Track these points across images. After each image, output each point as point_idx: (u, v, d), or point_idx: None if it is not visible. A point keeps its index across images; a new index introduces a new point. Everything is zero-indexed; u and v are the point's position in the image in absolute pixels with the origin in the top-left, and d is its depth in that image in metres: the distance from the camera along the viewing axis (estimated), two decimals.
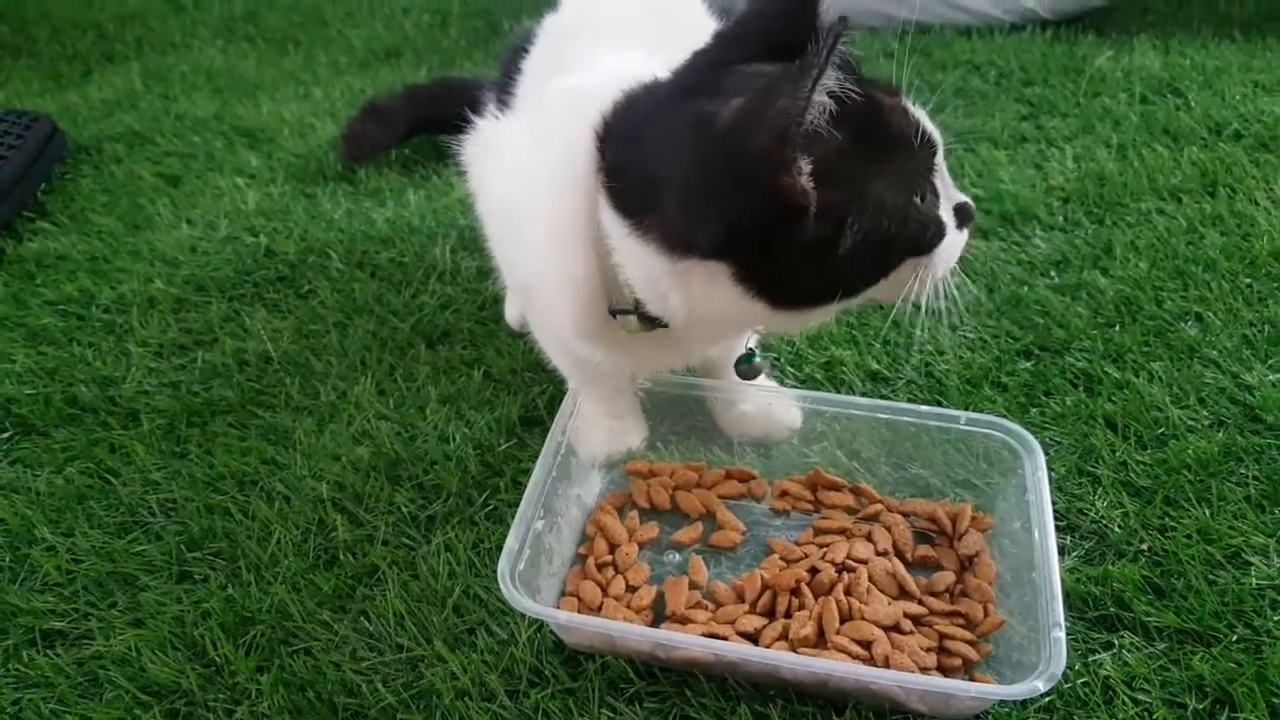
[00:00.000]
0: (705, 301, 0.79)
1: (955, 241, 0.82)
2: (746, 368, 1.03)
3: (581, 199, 0.81)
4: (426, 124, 1.69)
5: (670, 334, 0.86)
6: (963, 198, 0.83)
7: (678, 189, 0.74)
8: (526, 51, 1.04)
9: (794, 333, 1.17)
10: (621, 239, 0.79)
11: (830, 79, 0.68)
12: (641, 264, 0.79)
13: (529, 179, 0.87)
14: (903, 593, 0.93)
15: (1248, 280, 1.30)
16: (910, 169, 0.78)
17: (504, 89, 1.05)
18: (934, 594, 0.94)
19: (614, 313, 0.85)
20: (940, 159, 0.81)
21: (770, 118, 0.68)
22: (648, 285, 0.80)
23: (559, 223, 0.83)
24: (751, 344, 1.03)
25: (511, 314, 1.28)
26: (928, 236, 0.79)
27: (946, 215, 0.81)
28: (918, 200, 0.78)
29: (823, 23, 0.76)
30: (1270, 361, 1.17)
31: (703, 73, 0.78)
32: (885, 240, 0.75)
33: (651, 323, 0.84)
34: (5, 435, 1.17)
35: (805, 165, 0.70)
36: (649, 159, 0.77)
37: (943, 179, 0.82)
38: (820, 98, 0.68)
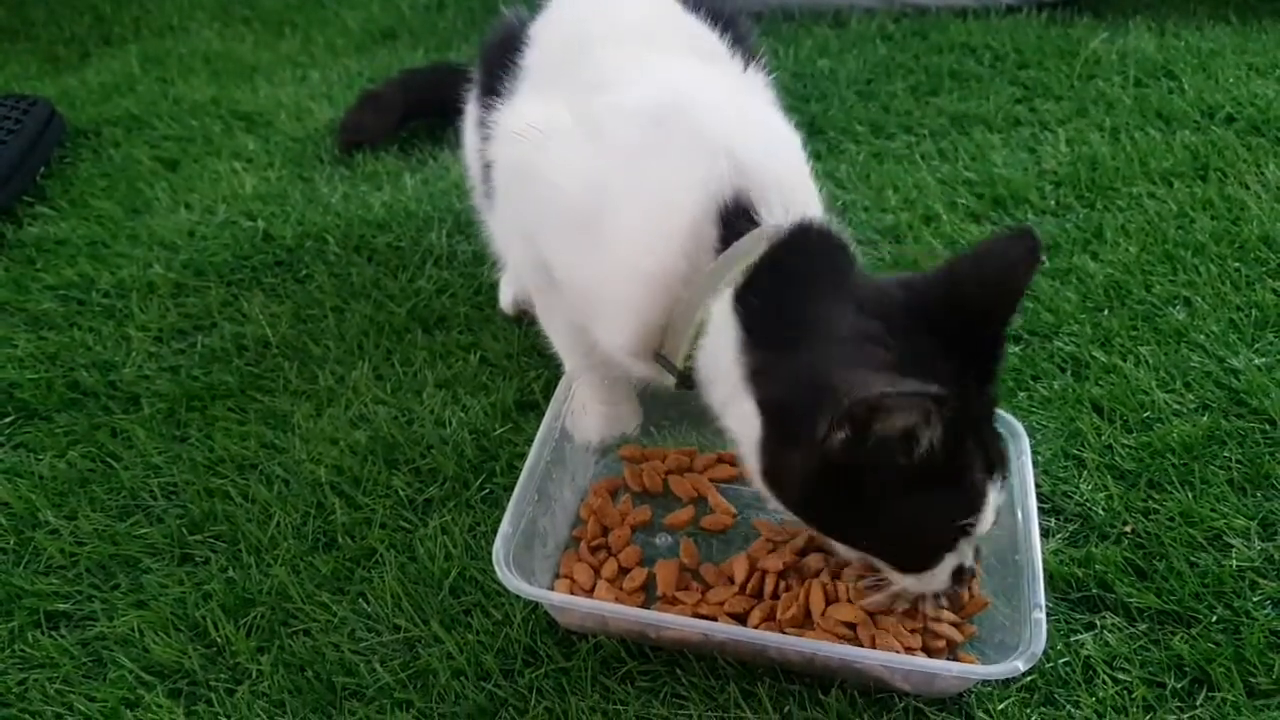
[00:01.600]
0: (735, 422, 0.85)
1: (923, 584, 0.86)
2: None
3: (684, 256, 0.85)
4: (422, 108, 1.70)
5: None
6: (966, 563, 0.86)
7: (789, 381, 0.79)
8: (518, 50, 1.05)
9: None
10: (724, 341, 0.84)
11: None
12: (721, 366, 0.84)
13: (616, 199, 0.89)
14: None
15: (1236, 265, 1.31)
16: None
17: (492, 82, 1.05)
18: None
19: (658, 358, 0.90)
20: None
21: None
22: (709, 372, 0.86)
23: (652, 265, 0.86)
24: None
25: (506, 300, 1.30)
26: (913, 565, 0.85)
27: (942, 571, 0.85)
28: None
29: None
30: (1256, 346, 1.19)
31: (884, 300, 0.81)
32: (872, 538, 0.84)
33: (687, 386, 0.89)
34: (8, 420, 1.19)
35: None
36: (792, 334, 0.81)
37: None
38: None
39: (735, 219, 0.85)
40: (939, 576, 0.83)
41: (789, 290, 0.83)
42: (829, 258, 0.85)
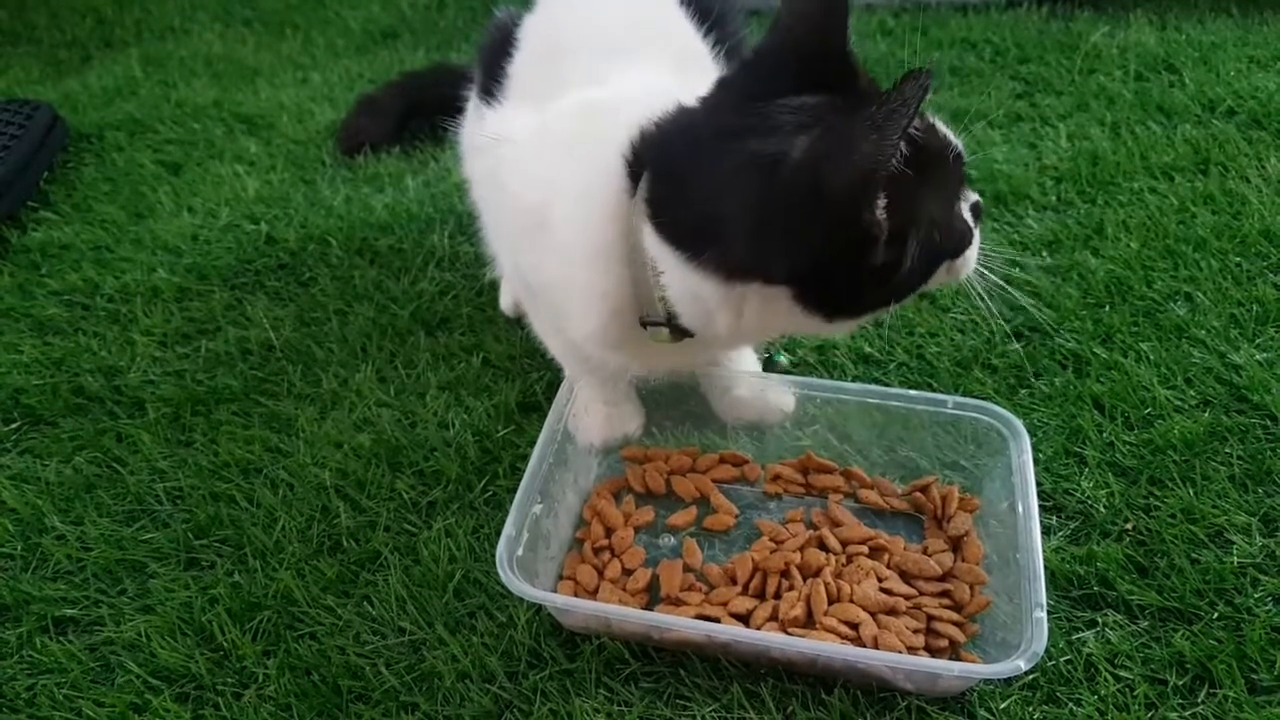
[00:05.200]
0: (758, 319, 0.83)
1: (977, 239, 0.87)
2: (772, 369, 1.09)
3: (613, 220, 0.85)
4: (422, 109, 1.71)
5: (693, 342, 0.89)
6: (974, 196, 0.87)
7: (745, 225, 0.77)
8: (509, 54, 1.05)
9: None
10: (671, 267, 0.82)
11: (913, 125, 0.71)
12: (693, 290, 0.82)
13: (555, 192, 0.89)
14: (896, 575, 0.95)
15: (1237, 259, 1.31)
16: (949, 184, 0.82)
17: (489, 85, 1.06)
18: (926, 578, 0.95)
19: (645, 324, 0.88)
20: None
21: (856, 161, 0.71)
22: (694, 306, 0.84)
23: (591, 241, 0.86)
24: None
25: (506, 301, 1.30)
26: (965, 242, 0.84)
27: (969, 216, 0.85)
28: (958, 210, 0.83)
29: (854, 53, 0.81)
30: (1258, 341, 1.19)
31: (741, 108, 0.80)
32: (936, 251, 0.81)
33: (682, 334, 0.88)
34: (14, 425, 1.20)
35: (881, 200, 0.73)
36: (705, 197, 0.79)
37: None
38: (902, 144, 0.71)
39: (639, 158, 0.84)
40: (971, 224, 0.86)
41: (678, 177, 0.81)
42: (687, 123, 0.84)
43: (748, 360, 1.14)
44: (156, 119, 1.84)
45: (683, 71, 0.97)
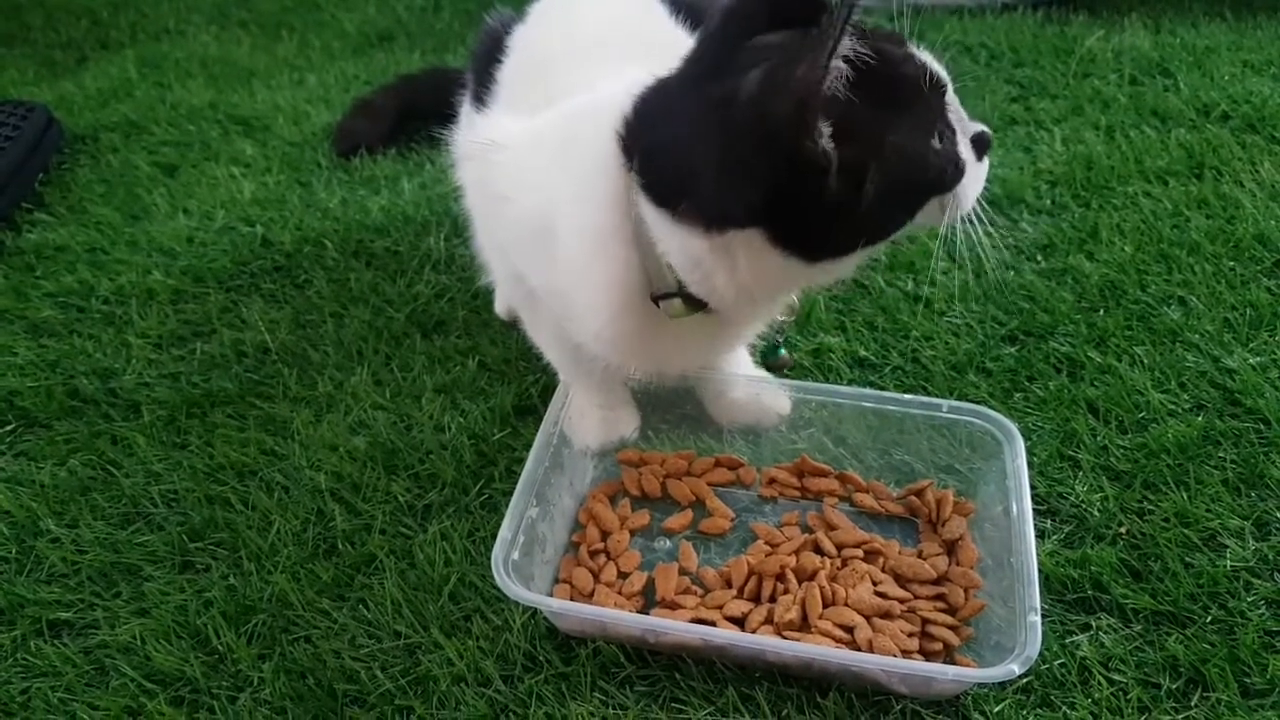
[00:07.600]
0: (747, 271, 0.82)
1: (976, 174, 0.85)
2: (773, 360, 1.09)
3: (614, 204, 0.85)
4: (417, 111, 1.71)
5: (709, 321, 0.89)
6: (978, 127, 0.85)
7: (709, 167, 0.77)
8: (498, 61, 1.05)
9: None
10: (662, 228, 0.82)
11: (845, 46, 0.71)
12: (684, 248, 0.82)
13: (553, 194, 0.89)
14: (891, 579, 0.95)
15: (1231, 264, 1.32)
16: (924, 113, 0.80)
17: (479, 92, 1.06)
18: (921, 581, 0.96)
19: (657, 300, 0.88)
20: (951, 96, 0.83)
21: (791, 87, 0.71)
22: (692, 268, 0.83)
23: (595, 229, 0.86)
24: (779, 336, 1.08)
25: (501, 306, 1.30)
26: (949, 175, 0.82)
27: (965, 150, 0.83)
28: (935, 143, 0.80)
29: None
30: (1251, 345, 1.19)
31: (715, 54, 0.81)
32: (908, 186, 0.79)
33: (695, 305, 0.87)
34: (9, 428, 1.20)
35: (825, 128, 0.73)
36: (677, 146, 0.80)
37: (956, 114, 0.84)
38: (837, 64, 0.71)
39: (631, 133, 0.84)
40: (970, 158, 0.84)
41: (656, 132, 0.82)
42: (666, 80, 0.84)
43: (744, 363, 1.14)
44: (152, 121, 1.84)
45: None
